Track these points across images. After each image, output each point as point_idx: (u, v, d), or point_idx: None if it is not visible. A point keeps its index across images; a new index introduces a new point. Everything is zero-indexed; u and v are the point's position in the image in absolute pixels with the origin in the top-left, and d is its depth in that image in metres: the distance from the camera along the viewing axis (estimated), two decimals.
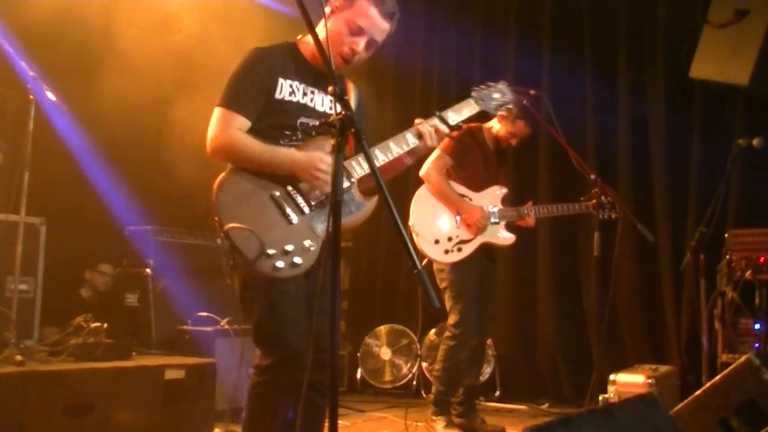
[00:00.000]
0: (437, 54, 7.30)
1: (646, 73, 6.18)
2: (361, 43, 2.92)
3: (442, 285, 4.82)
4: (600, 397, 4.96)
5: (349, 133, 2.33)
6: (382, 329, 6.52)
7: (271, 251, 2.69)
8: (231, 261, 2.78)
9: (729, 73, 5.28)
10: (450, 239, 4.76)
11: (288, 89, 2.90)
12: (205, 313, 5.30)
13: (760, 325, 4.76)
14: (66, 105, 4.60)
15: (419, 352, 6.20)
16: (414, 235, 4.76)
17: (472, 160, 4.90)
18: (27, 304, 5.06)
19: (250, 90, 2.85)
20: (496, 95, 3.21)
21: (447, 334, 4.83)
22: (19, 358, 4.04)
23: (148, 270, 5.55)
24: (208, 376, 4.55)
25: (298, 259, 2.73)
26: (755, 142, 4.84)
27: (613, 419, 2.34)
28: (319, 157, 2.78)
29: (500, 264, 6.60)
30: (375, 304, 7.29)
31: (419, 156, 3.09)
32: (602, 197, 4.75)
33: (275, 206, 2.78)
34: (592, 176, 4.70)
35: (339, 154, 2.26)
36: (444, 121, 3.02)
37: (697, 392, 3.01)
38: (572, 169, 4.83)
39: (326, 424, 2.24)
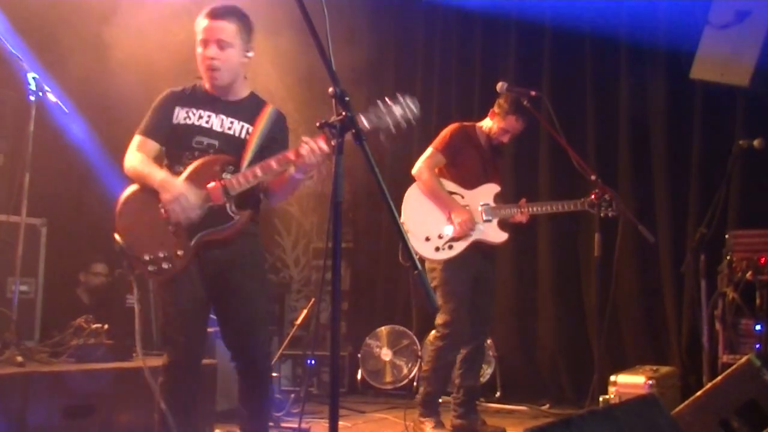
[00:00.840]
0: (438, 54, 7.30)
1: (646, 74, 6.17)
2: (210, 50, 3.25)
3: (434, 284, 4.75)
4: (601, 398, 4.95)
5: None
6: (383, 330, 6.52)
7: (146, 257, 3.17)
8: (124, 262, 3.26)
9: (730, 74, 5.29)
10: (440, 236, 4.72)
11: (183, 114, 3.34)
12: None
13: (761, 326, 4.76)
14: (66, 105, 4.60)
15: (420, 353, 6.20)
16: (405, 232, 4.72)
17: (466, 158, 4.86)
18: (28, 305, 5.07)
19: (153, 118, 3.36)
20: (397, 109, 2.99)
21: (436, 334, 4.76)
22: (19, 358, 4.04)
23: None
24: (209, 377, 4.55)
25: (166, 265, 3.17)
26: (756, 143, 4.84)
27: (614, 420, 2.34)
28: (174, 192, 3.14)
29: (501, 264, 6.65)
30: (375, 304, 7.30)
31: (311, 171, 3.23)
32: (599, 194, 4.75)
33: (159, 216, 3.18)
34: (593, 177, 4.68)
35: (339, 155, 2.27)
36: (330, 136, 2.83)
37: (698, 393, 3.01)
38: (573, 170, 4.82)
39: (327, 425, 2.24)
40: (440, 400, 4.88)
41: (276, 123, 3.42)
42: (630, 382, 4.86)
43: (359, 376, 6.52)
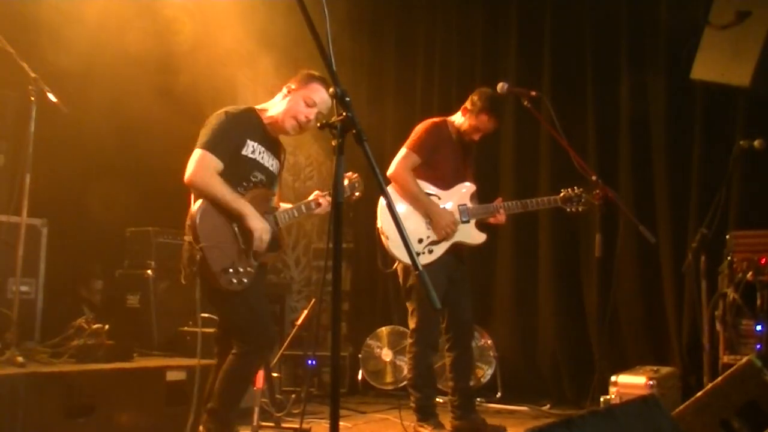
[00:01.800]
0: (438, 54, 7.30)
1: (647, 75, 6.17)
2: (313, 113, 3.85)
3: (407, 285, 4.71)
4: (601, 399, 4.95)
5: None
6: (384, 330, 6.52)
7: (231, 269, 3.58)
8: (194, 269, 3.56)
9: (730, 74, 5.28)
10: (420, 241, 4.63)
11: (251, 149, 3.77)
12: (206, 315, 5.30)
13: (762, 327, 4.75)
14: (67, 106, 4.60)
15: None
16: (383, 238, 4.62)
17: (441, 157, 4.76)
18: (28, 306, 5.07)
19: (226, 141, 3.67)
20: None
21: (410, 339, 4.72)
22: (20, 359, 4.04)
23: (149, 271, 5.55)
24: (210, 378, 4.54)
25: (245, 279, 3.63)
26: (756, 143, 4.83)
27: (615, 420, 2.34)
28: (261, 228, 3.66)
29: (502, 265, 6.67)
30: (376, 305, 7.30)
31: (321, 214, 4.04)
32: (569, 190, 4.72)
33: (234, 235, 3.65)
34: (594, 177, 4.67)
35: (340, 155, 2.27)
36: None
37: (699, 393, 3.01)
38: (573, 170, 4.82)
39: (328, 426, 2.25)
40: (440, 400, 4.88)
41: (284, 157, 4.09)
42: (631, 382, 4.85)
43: (360, 377, 6.52)
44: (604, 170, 5.56)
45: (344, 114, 2.29)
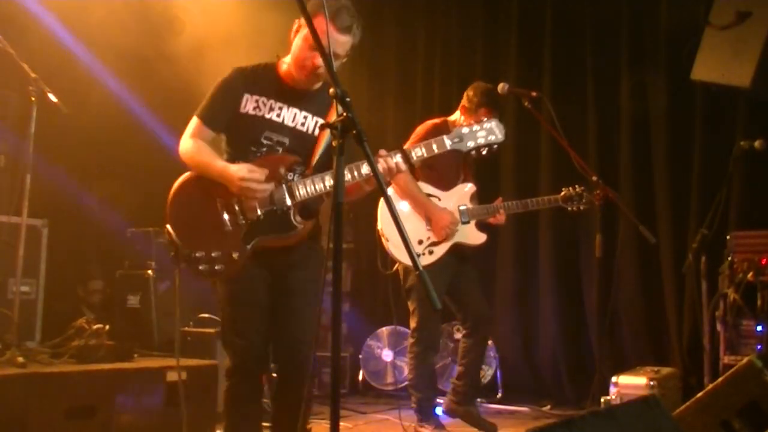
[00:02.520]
0: (438, 54, 7.30)
1: (647, 75, 6.17)
2: (320, 59, 2.97)
3: (407, 285, 4.73)
4: (602, 399, 4.95)
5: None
6: (384, 331, 6.52)
7: (197, 254, 2.99)
8: (171, 253, 3.05)
9: (731, 75, 5.27)
10: (421, 242, 4.65)
11: (252, 104, 3.11)
12: (206, 315, 5.31)
13: (762, 327, 4.75)
14: (68, 107, 4.60)
15: None
16: (383, 239, 4.64)
17: (441, 158, 4.72)
18: (29, 306, 5.07)
19: (215, 103, 3.13)
20: (481, 133, 3.16)
21: (411, 340, 4.74)
22: (21, 359, 4.04)
23: (149, 272, 5.55)
24: (210, 378, 4.55)
25: (218, 266, 3.00)
26: (757, 144, 4.84)
27: (615, 421, 2.34)
28: (241, 174, 2.96)
29: (502, 265, 6.67)
30: (376, 305, 7.29)
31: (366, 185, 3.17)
32: (569, 189, 4.72)
33: (217, 213, 3.03)
34: (594, 178, 4.67)
35: (340, 156, 2.26)
36: (407, 156, 3.08)
37: (699, 394, 3.00)
38: (574, 170, 4.82)
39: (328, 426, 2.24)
40: (441, 401, 4.88)
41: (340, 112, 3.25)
42: (631, 383, 4.85)
43: (360, 377, 6.52)
44: (604, 171, 5.55)
45: (345, 114, 2.28)
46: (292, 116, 3.14)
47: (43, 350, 4.61)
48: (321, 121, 3.17)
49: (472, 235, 4.78)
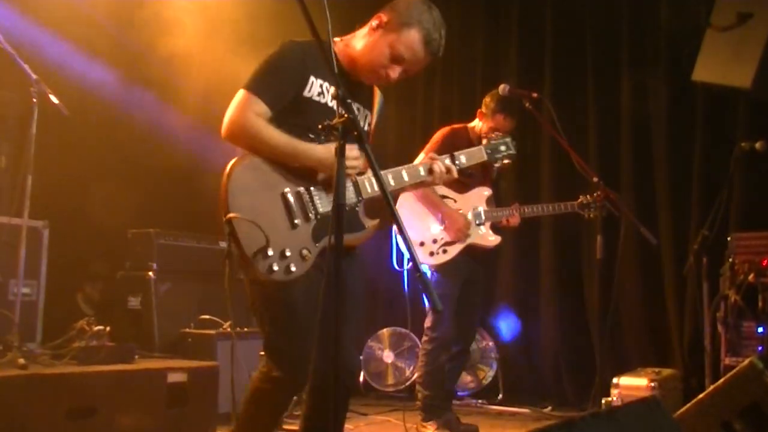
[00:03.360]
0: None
1: (648, 76, 6.17)
2: (398, 71, 2.86)
3: None
4: (603, 401, 4.96)
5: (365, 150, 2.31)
6: (385, 332, 6.52)
7: (270, 251, 2.59)
8: (227, 251, 2.63)
9: (732, 76, 5.28)
10: (435, 241, 4.78)
11: (318, 89, 2.80)
12: (207, 316, 5.31)
13: (764, 329, 4.75)
14: (68, 108, 4.60)
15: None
16: (398, 238, 4.75)
17: None
18: (30, 308, 5.06)
19: (278, 80, 2.73)
20: (502, 147, 3.31)
21: (424, 338, 4.82)
22: (22, 361, 4.04)
23: (150, 273, 5.55)
24: (211, 380, 4.55)
25: (293, 267, 2.64)
26: (758, 145, 4.84)
27: (616, 422, 2.33)
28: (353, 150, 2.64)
29: (503, 267, 6.66)
30: (377, 307, 7.29)
31: (423, 187, 3.15)
32: (587, 196, 4.75)
33: (283, 206, 2.68)
34: (595, 179, 4.68)
35: (341, 158, 2.26)
36: (454, 161, 3.06)
37: (701, 395, 3.00)
38: (575, 172, 4.82)
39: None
40: (452, 402, 4.92)
41: (381, 114, 3.12)
42: (632, 384, 4.86)
43: (361, 379, 6.52)
44: (605, 172, 5.54)
45: (346, 116, 2.28)
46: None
47: (44, 352, 4.61)
48: (369, 115, 3.04)
49: (486, 237, 4.89)
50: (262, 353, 2.87)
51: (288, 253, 2.63)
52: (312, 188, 2.78)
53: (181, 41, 5.67)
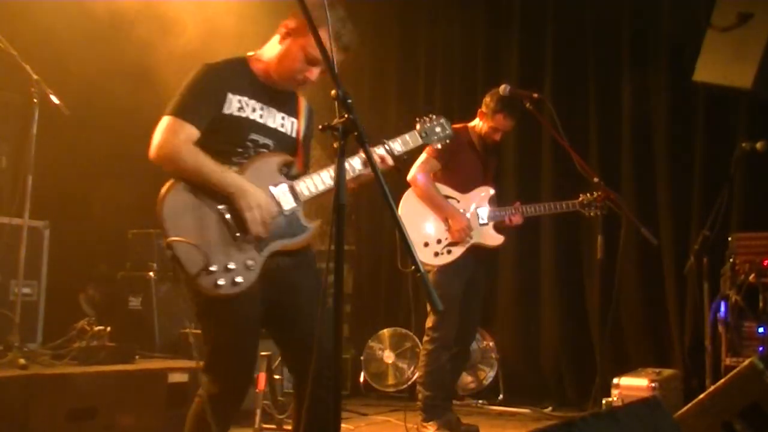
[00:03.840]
0: (440, 56, 7.30)
1: (649, 77, 6.17)
2: (315, 73, 2.91)
3: None
4: (603, 401, 4.95)
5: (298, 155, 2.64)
6: (385, 332, 6.51)
7: (213, 267, 2.67)
8: (172, 274, 2.75)
9: (732, 76, 5.27)
10: (439, 241, 4.77)
11: (237, 105, 2.87)
12: None
13: (764, 329, 4.75)
14: (69, 108, 4.61)
15: None
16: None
17: (461, 162, 4.89)
18: (30, 308, 5.08)
19: (199, 101, 2.82)
20: (438, 129, 3.31)
21: (425, 338, 4.81)
22: (22, 361, 4.05)
23: (151, 273, 5.55)
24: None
25: (239, 278, 2.71)
26: (759, 145, 4.84)
27: (617, 423, 2.33)
28: (260, 203, 2.76)
29: (503, 267, 6.66)
30: (378, 307, 7.30)
31: (363, 182, 3.08)
32: (588, 195, 4.76)
33: (221, 221, 2.75)
34: (596, 179, 4.68)
35: (342, 158, 2.26)
36: (390, 151, 3.04)
37: (701, 396, 3.00)
38: (575, 172, 4.82)
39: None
40: (453, 402, 4.91)
41: (309, 119, 3.14)
42: (633, 384, 4.86)
43: (362, 379, 6.52)
44: (606, 172, 5.55)
45: (346, 116, 2.28)
46: (273, 117, 2.98)
47: (44, 352, 4.62)
48: (296, 122, 3.07)
49: (489, 237, 4.89)
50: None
51: (231, 266, 2.70)
52: None
53: (182, 41, 5.68)
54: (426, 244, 4.74)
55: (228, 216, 2.75)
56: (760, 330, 4.77)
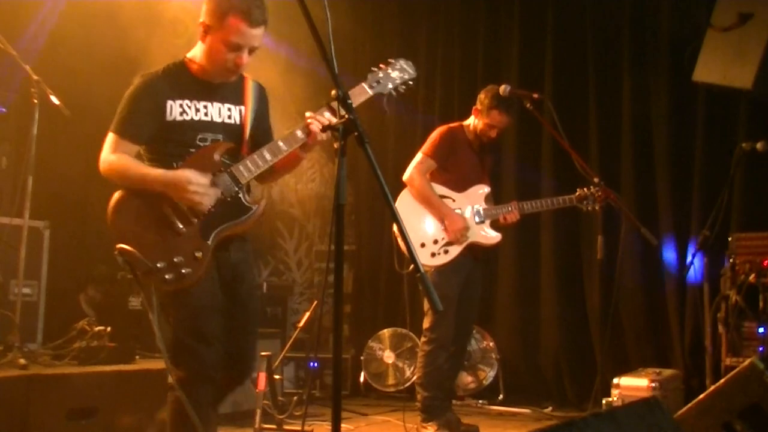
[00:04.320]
0: (440, 56, 7.30)
1: (649, 77, 6.17)
2: (244, 56, 2.99)
3: None
4: (603, 401, 4.96)
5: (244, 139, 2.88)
6: (386, 332, 6.51)
7: (159, 265, 2.84)
8: (128, 275, 2.90)
9: (732, 76, 5.28)
10: (436, 242, 4.74)
11: (178, 110, 3.00)
12: None
13: (764, 329, 4.75)
14: (70, 108, 4.61)
15: None
16: (399, 239, 4.71)
17: (457, 160, 4.87)
18: (30, 308, 5.07)
19: (136, 115, 2.98)
20: (395, 74, 3.25)
21: (423, 339, 4.79)
22: (22, 361, 4.05)
23: None
24: None
25: (186, 270, 2.87)
26: (759, 145, 4.85)
27: (617, 423, 2.33)
28: (186, 178, 2.88)
29: (503, 267, 6.66)
30: (378, 307, 7.29)
31: (313, 148, 3.15)
32: (585, 189, 4.75)
33: (164, 218, 2.90)
34: (596, 180, 4.69)
35: (342, 157, 2.26)
36: (333, 110, 2.99)
37: (701, 396, 3.00)
38: (576, 172, 4.82)
39: (329, 428, 2.24)
40: (453, 402, 4.91)
41: (261, 98, 3.24)
42: (633, 384, 4.86)
43: (362, 379, 6.52)
44: (606, 172, 5.54)
45: (346, 116, 2.28)
46: (217, 111, 3.08)
47: (44, 352, 4.62)
48: (243, 109, 3.15)
49: (487, 236, 4.87)
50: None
51: (178, 260, 2.87)
52: None
53: (183, 41, 5.67)
54: (423, 245, 4.72)
55: (171, 214, 2.91)
56: (760, 330, 4.78)
